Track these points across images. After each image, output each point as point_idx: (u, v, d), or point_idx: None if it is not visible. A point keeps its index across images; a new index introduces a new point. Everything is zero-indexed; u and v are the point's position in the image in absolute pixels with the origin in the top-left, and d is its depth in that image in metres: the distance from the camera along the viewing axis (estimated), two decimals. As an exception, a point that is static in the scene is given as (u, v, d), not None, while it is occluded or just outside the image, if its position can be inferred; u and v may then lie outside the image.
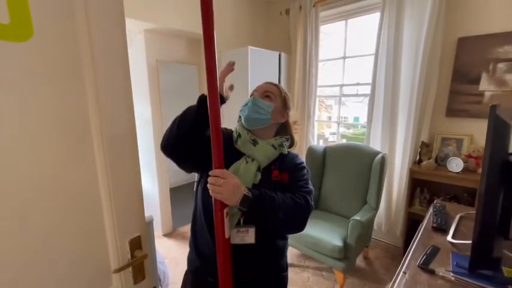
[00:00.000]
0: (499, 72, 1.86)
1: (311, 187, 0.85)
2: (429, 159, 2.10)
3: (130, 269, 0.67)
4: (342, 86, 2.78)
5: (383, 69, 2.22)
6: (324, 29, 2.80)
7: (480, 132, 1.99)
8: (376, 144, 2.35)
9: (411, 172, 2.13)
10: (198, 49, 2.74)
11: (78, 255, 0.59)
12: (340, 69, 2.76)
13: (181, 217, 2.93)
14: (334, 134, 3.39)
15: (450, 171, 1.96)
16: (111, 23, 0.59)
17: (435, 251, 0.92)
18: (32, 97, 0.49)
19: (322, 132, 3.95)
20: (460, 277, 0.77)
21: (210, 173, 0.72)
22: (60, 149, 0.54)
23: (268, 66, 2.63)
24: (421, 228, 1.12)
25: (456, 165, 1.95)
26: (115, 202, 0.63)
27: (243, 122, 0.87)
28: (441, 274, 0.80)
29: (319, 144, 2.96)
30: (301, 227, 0.81)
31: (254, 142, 0.85)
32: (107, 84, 0.60)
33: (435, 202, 1.32)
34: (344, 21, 2.65)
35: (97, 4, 0.56)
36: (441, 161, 2.11)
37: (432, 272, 0.81)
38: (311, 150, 2.35)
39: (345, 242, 1.76)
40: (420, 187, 2.21)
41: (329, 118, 4.76)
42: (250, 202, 0.71)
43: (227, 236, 0.74)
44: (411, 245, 1.00)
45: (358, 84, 2.81)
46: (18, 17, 0.46)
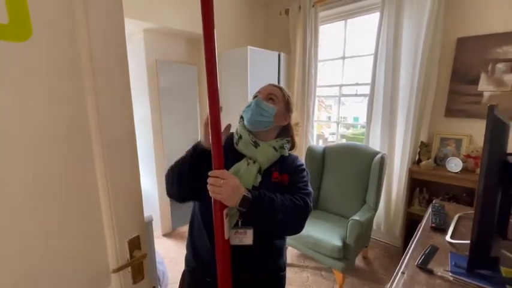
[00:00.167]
0: (498, 72, 1.86)
1: (310, 189, 0.86)
2: (428, 159, 2.10)
3: (129, 269, 0.67)
4: (341, 86, 2.79)
5: (382, 69, 2.22)
6: (324, 29, 2.80)
7: (479, 132, 1.99)
8: (375, 144, 2.36)
9: (410, 172, 2.14)
10: (198, 49, 2.74)
11: (77, 255, 0.59)
12: (339, 69, 2.77)
13: (180, 217, 2.92)
14: (333, 134, 3.40)
15: (449, 171, 1.97)
16: (110, 23, 0.59)
17: (434, 251, 0.92)
18: (31, 97, 0.49)
19: (321, 132, 3.95)
20: (459, 277, 0.78)
21: (210, 174, 0.72)
22: (59, 149, 0.54)
23: (267, 66, 2.63)
24: (420, 228, 1.12)
25: (455, 165, 1.96)
26: (114, 202, 0.63)
27: (246, 124, 0.87)
28: (440, 274, 0.80)
29: (318, 144, 2.96)
30: (299, 229, 0.81)
31: (255, 144, 0.84)
32: (106, 84, 0.60)
33: (434, 202, 1.32)
34: (343, 21, 2.65)
35: (96, 4, 0.56)
36: (440, 161, 2.11)
37: (431, 272, 0.81)
38: (310, 150, 2.35)
39: (344, 242, 1.76)
40: (419, 187, 2.22)
41: (328, 118, 4.77)
42: (249, 203, 0.71)
43: (227, 237, 0.74)
44: (410, 245, 1.00)
45: (357, 84, 2.81)
46: (16, 17, 0.46)
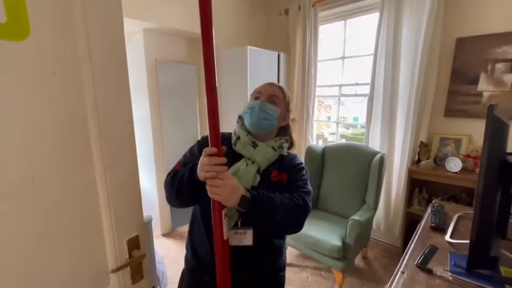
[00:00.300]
0: (498, 72, 1.87)
1: (310, 188, 0.85)
2: (428, 159, 2.10)
3: (128, 269, 0.67)
4: (341, 86, 2.79)
5: (382, 69, 2.22)
6: (323, 29, 2.80)
7: (478, 132, 1.99)
8: (375, 144, 2.36)
9: (410, 172, 2.14)
10: (197, 49, 2.74)
11: (75, 254, 0.59)
12: (339, 69, 2.77)
13: (180, 217, 2.92)
14: (333, 134, 3.40)
15: (449, 171, 1.97)
16: (109, 22, 0.59)
17: (433, 251, 0.92)
18: (29, 96, 0.49)
19: (321, 132, 3.95)
20: (458, 276, 0.78)
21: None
22: (57, 149, 0.54)
23: (267, 66, 2.63)
24: (420, 227, 1.12)
25: (454, 165, 1.96)
26: (113, 202, 0.63)
27: (249, 127, 0.86)
28: (439, 274, 0.80)
29: (318, 144, 2.96)
30: (298, 228, 0.81)
31: (254, 144, 0.84)
32: (105, 83, 0.59)
33: (433, 202, 1.32)
34: (343, 21, 2.65)
35: (95, 3, 0.56)
36: (440, 161, 2.11)
37: (430, 272, 0.81)
38: (310, 150, 2.35)
39: (344, 242, 1.76)
40: (419, 187, 2.22)
41: (328, 118, 4.78)
42: (248, 203, 0.71)
43: (225, 238, 0.73)
44: (409, 245, 1.00)
45: (357, 84, 2.82)
46: (15, 16, 0.46)
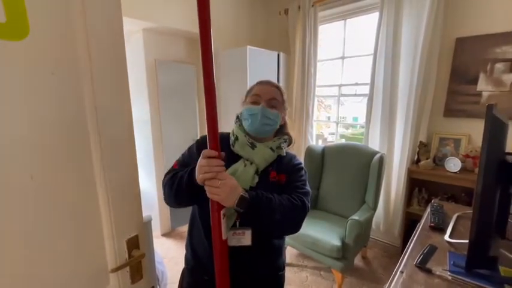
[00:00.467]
0: (497, 72, 1.87)
1: (308, 188, 0.85)
2: (427, 159, 2.11)
3: (127, 269, 0.67)
4: (341, 86, 2.79)
5: (381, 69, 2.22)
6: (323, 29, 2.80)
7: (478, 132, 1.99)
8: (374, 144, 2.36)
9: (409, 172, 2.14)
10: (197, 48, 2.72)
11: (75, 254, 0.59)
12: (338, 69, 2.77)
13: (180, 217, 2.92)
14: (333, 134, 3.40)
15: (448, 171, 1.97)
16: (108, 22, 0.59)
17: (432, 250, 0.92)
18: (28, 96, 0.49)
19: (321, 132, 3.95)
20: (457, 276, 0.78)
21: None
22: (57, 148, 0.54)
23: (267, 66, 2.63)
24: (419, 227, 1.13)
25: (454, 165, 1.96)
26: (112, 202, 0.63)
27: (251, 132, 0.86)
28: (438, 273, 0.80)
29: (318, 144, 2.96)
30: (297, 229, 0.81)
31: (252, 145, 0.84)
32: (104, 83, 0.59)
33: (433, 202, 1.32)
34: (343, 21, 2.65)
35: (94, 3, 0.56)
36: (439, 161, 2.11)
37: (429, 271, 0.81)
38: (310, 150, 2.36)
39: (343, 242, 1.76)
40: (418, 187, 2.22)
41: (328, 118, 4.78)
42: (247, 203, 0.71)
43: (224, 238, 0.74)
44: (409, 245, 1.00)
45: (356, 84, 2.81)
46: (14, 16, 0.46)
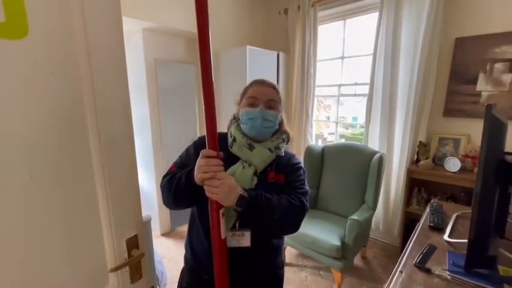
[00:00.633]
0: (496, 72, 1.87)
1: (307, 188, 0.85)
2: (427, 158, 2.11)
3: (127, 268, 0.67)
4: (340, 86, 2.79)
5: (381, 69, 2.22)
6: (322, 29, 2.80)
7: (477, 132, 2.00)
8: (374, 144, 2.36)
9: (409, 172, 2.14)
10: (197, 48, 2.72)
11: (74, 254, 0.59)
12: (338, 69, 2.77)
13: (179, 217, 2.91)
14: (332, 134, 3.40)
15: (447, 170, 1.98)
16: (107, 22, 0.59)
17: (432, 250, 0.92)
18: (28, 95, 0.49)
19: (320, 132, 3.96)
20: (456, 276, 0.78)
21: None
22: (56, 148, 0.54)
23: (266, 66, 2.63)
24: (418, 227, 1.13)
25: (453, 164, 1.96)
26: (112, 201, 0.63)
27: (251, 134, 0.85)
28: (437, 273, 0.80)
29: (317, 144, 2.96)
30: (295, 229, 0.81)
31: (250, 147, 0.83)
32: (104, 83, 0.59)
33: (432, 201, 1.32)
34: (342, 21, 2.65)
35: (93, 2, 0.56)
36: (438, 161, 2.12)
37: (428, 271, 0.81)
38: (309, 149, 2.36)
39: (343, 242, 1.76)
40: (418, 187, 2.22)
41: (327, 118, 4.78)
42: (246, 202, 0.71)
43: (223, 237, 0.74)
44: (408, 244, 1.00)
45: (356, 84, 2.82)
46: (13, 15, 0.46)
